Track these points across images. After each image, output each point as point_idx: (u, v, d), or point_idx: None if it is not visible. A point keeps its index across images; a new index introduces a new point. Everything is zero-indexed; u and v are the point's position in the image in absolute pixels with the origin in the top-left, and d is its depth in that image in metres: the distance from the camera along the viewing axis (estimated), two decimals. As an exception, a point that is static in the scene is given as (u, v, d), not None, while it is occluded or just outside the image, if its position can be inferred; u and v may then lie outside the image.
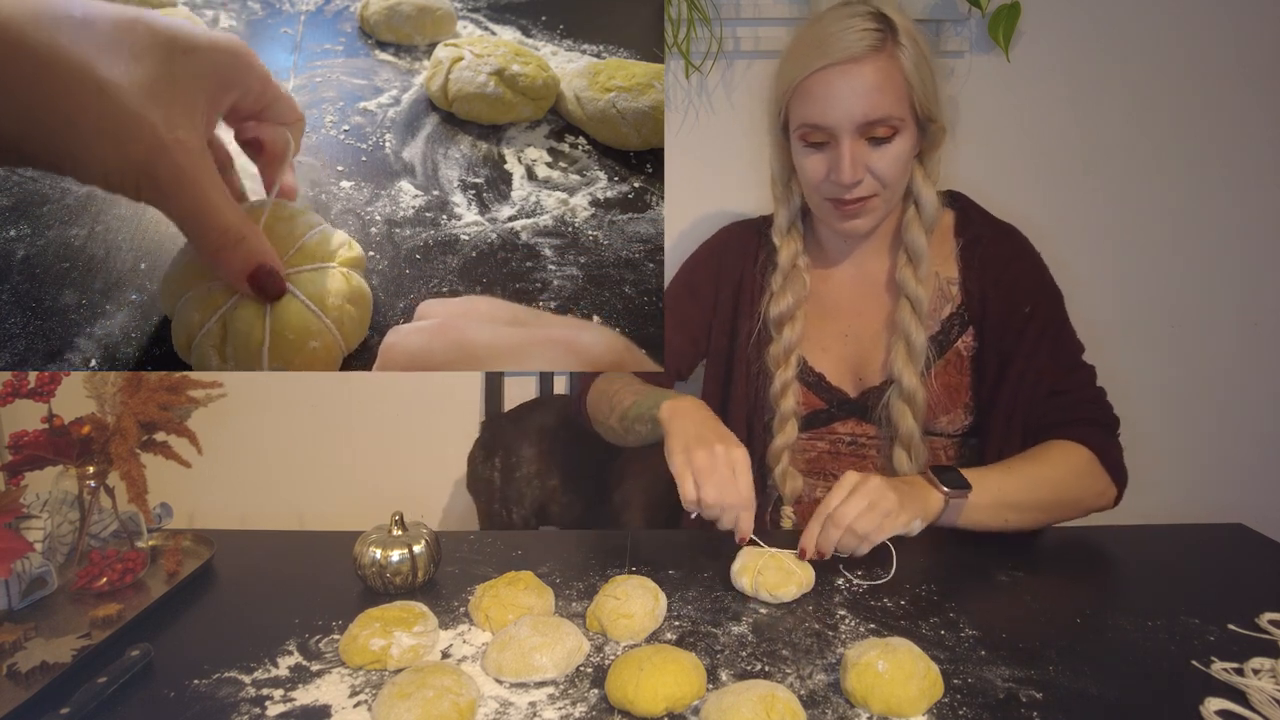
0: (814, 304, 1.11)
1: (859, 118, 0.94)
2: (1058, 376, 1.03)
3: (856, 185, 0.97)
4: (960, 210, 1.09)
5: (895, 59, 0.95)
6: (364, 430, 1.67)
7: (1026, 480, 0.95)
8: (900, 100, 0.95)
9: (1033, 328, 1.02)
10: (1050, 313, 1.05)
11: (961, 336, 1.05)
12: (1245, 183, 1.53)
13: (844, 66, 0.94)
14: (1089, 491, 0.98)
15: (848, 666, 0.66)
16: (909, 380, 1.02)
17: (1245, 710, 0.63)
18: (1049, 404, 1.02)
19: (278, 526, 1.11)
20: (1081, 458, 0.98)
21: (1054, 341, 1.04)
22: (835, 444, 1.11)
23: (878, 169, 0.97)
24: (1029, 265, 1.07)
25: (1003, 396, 1.03)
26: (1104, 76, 1.49)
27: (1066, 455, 0.99)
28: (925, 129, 1.00)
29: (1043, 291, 1.06)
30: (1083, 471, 0.98)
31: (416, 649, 0.72)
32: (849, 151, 0.95)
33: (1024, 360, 1.02)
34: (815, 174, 1.00)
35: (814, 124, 0.97)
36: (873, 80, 0.94)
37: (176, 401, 0.90)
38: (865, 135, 0.96)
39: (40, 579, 0.82)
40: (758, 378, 1.11)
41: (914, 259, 1.03)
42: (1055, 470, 0.97)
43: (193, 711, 0.65)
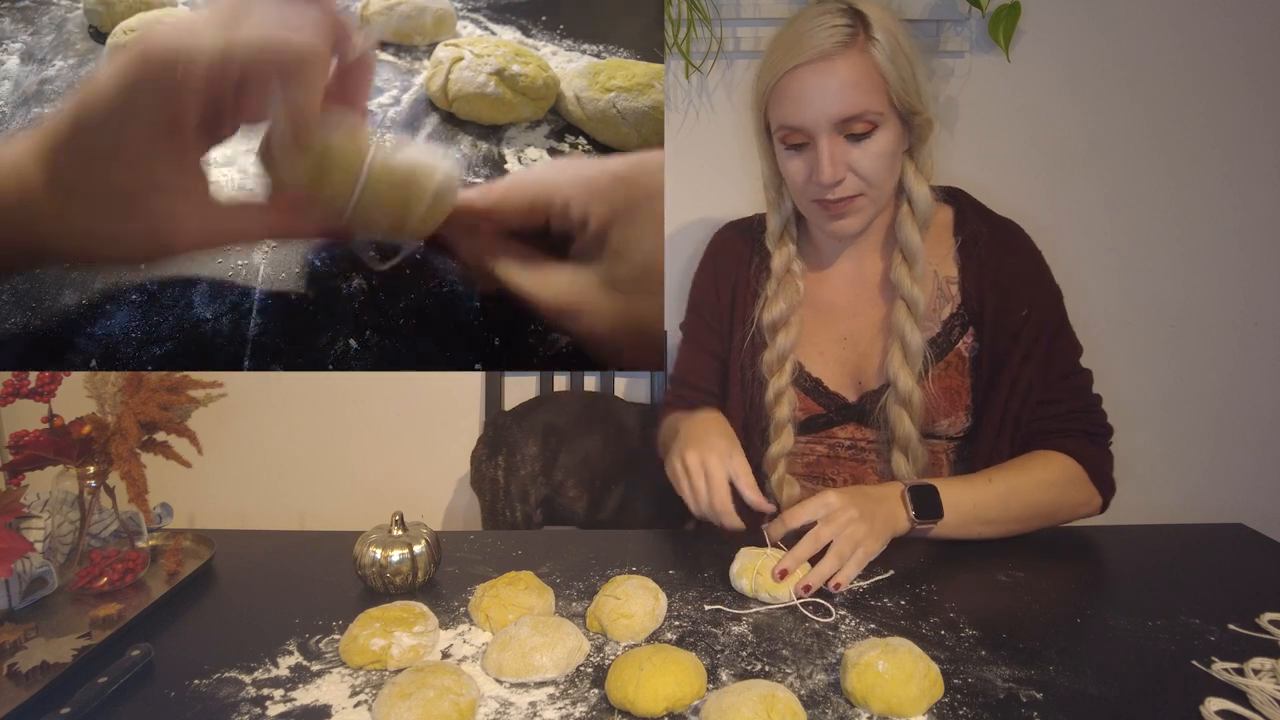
0: (810, 308, 1.09)
1: (833, 115, 0.93)
2: (1050, 384, 1.01)
3: (839, 184, 0.95)
4: (958, 207, 1.07)
5: (867, 53, 0.93)
6: (364, 430, 1.67)
7: (1004, 494, 0.94)
8: (876, 94, 0.93)
9: (1028, 331, 1.00)
10: (1047, 315, 1.03)
11: (963, 338, 1.03)
12: (1245, 182, 1.53)
13: (815, 65, 0.92)
14: (1070, 502, 0.98)
15: (848, 666, 0.66)
16: (904, 382, 1.00)
17: (1245, 710, 0.63)
18: (1039, 412, 1.01)
19: (278, 526, 1.11)
20: (1065, 469, 0.98)
21: (1050, 345, 1.02)
22: (834, 449, 1.09)
23: (859, 166, 0.95)
24: (1027, 262, 1.05)
25: (994, 401, 1.01)
26: (1104, 76, 1.49)
27: (1049, 467, 0.98)
28: (909, 122, 0.98)
29: (1041, 291, 1.04)
30: (1065, 483, 0.98)
31: (417, 649, 0.72)
32: (827, 150, 0.94)
33: (1017, 365, 1.00)
34: (798, 176, 0.99)
35: (790, 125, 0.96)
36: (845, 76, 0.92)
37: (177, 401, 0.90)
38: (843, 133, 0.94)
39: (41, 579, 0.82)
40: (752, 384, 1.10)
41: (909, 257, 1.01)
42: (1035, 483, 0.96)
43: (193, 711, 0.65)
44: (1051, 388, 1.01)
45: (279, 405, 1.64)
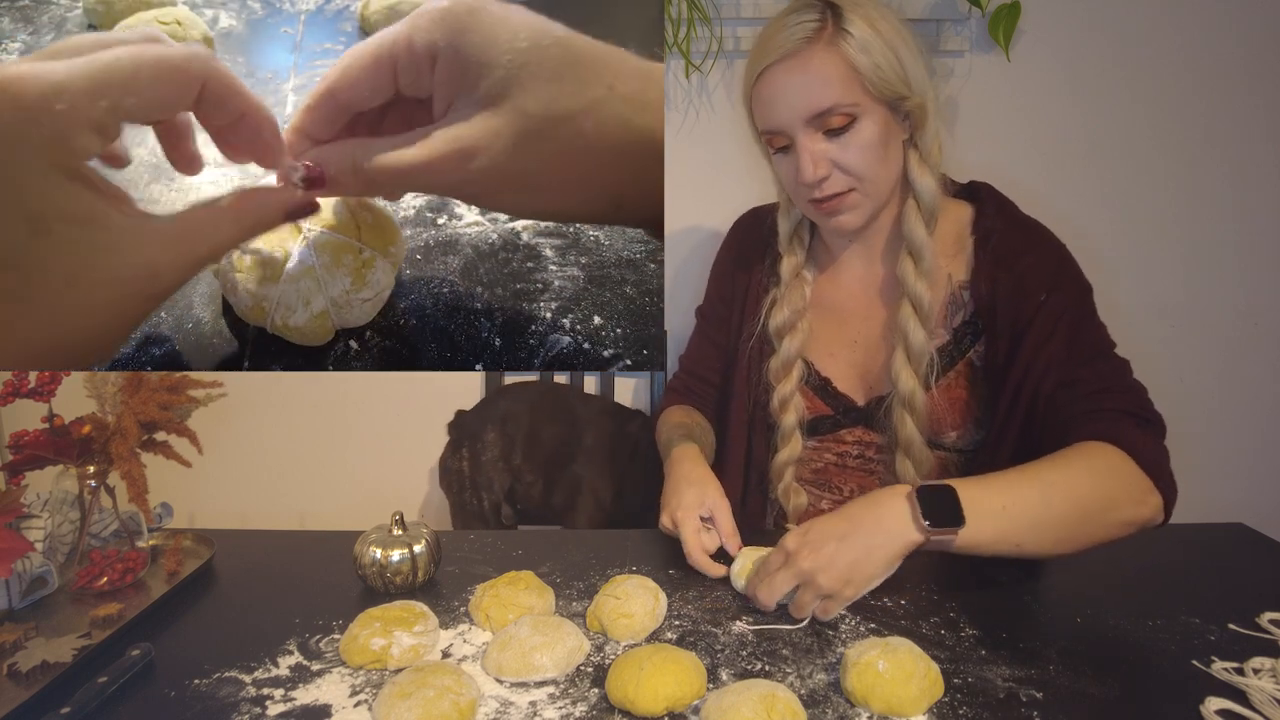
0: (821, 309, 1.07)
1: (803, 112, 0.90)
2: (1071, 368, 0.89)
3: (824, 181, 0.93)
4: (979, 204, 1.01)
5: (835, 45, 0.89)
6: (364, 430, 1.67)
7: (1041, 488, 0.79)
8: (849, 85, 0.89)
9: (1043, 317, 0.91)
10: (1068, 302, 0.93)
11: (974, 346, 0.98)
12: (1245, 182, 1.53)
13: (782, 64, 0.91)
14: (1120, 497, 0.81)
15: (848, 666, 0.66)
16: (906, 383, 0.96)
17: (1246, 710, 0.63)
18: (1060, 397, 0.89)
19: (278, 526, 1.11)
20: (1107, 455, 0.82)
21: (1069, 331, 0.91)
22: (843, 455, 1.06)
23: (843, 161, 0.92)
24: (1045, 258, 0.96)
25: (1005, 397, 0.93)
26: (1104, 76, 1.49)
27: (1087, 452, 0.83)
28: (898, 109, 0.93)
29: (1063, 281, 0.95)
30: (1109, 471, 0.82)
31: (417, 649, 0.72)
32: (806, 149, 0.91)
33: (1031, 351, 0.91)
34: (788, 178, 0.97)
35: (769, 129, 0.94)
36: (814, 71, 0.89)
37: (177, 401, 0.90)
38: (820, 129, 0.91)
39: (41, 578, 0.82)
40: (758, 386, 1.08)
41: (914, 253, 0.96)
42: (1077, 472, 0.81)
43: (193, 711, 0.65)
44: (1073, 371, 0.90)
45: (279, 405, 1.64)
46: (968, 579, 0.86)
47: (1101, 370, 0.90)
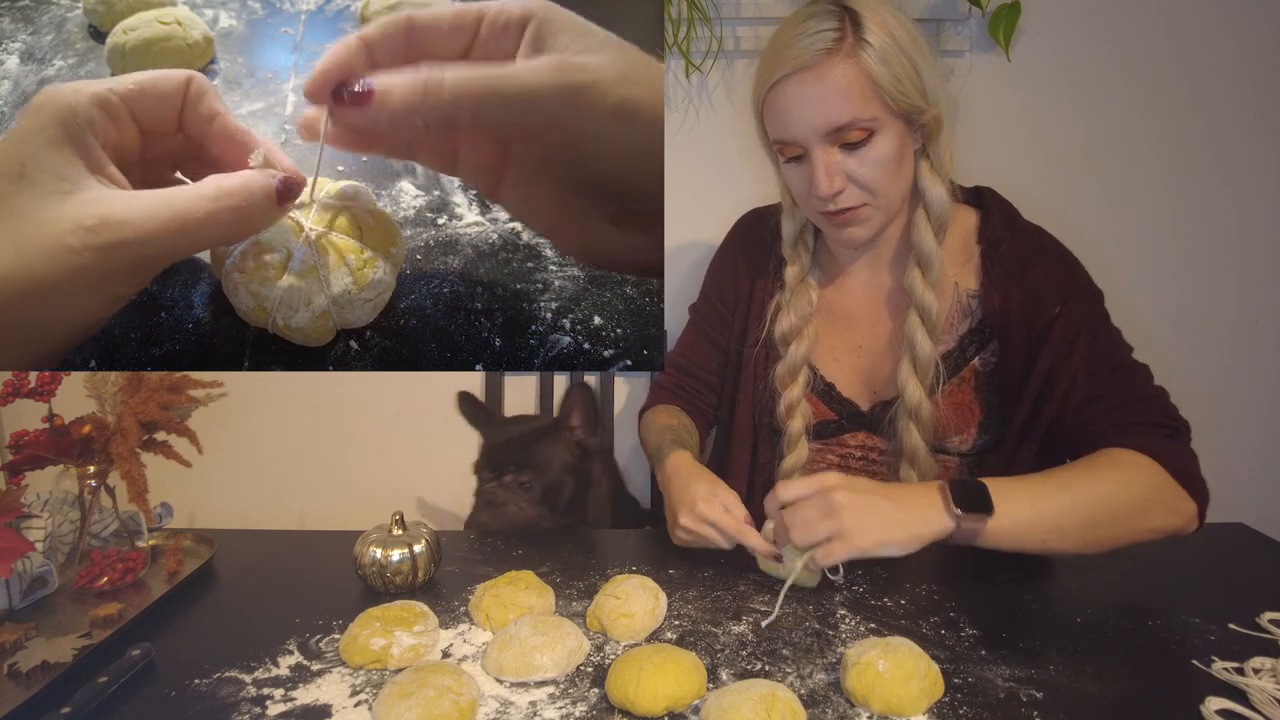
0: (827, 315, 1.06)
1: (822, 126, 0.88)
2: (1096, 381, 0.91)
3: (839, 195, 0.91)
4: (985, 211, 1.00)
5: (855, 57, 0.86)
6: (364, 430, 1.66)
7: (1069, 492, 0.82)
8: (868, 99, 0.87)
9: (1061, 330, 0.92)
10: (1083, 312, 0.93)
11: (979, 354, 0.98)
12: (1245, 182, 1.53)
13: (799, 76, 0.88)
14: (1153, 504, 0.83)
15: (848, 666, 0.66)
16: (913, 393, 0.95)
17: (1246, 710, 0.63)
18: (1087, 411, 0.90)
19: (278, 526, 1.11)
20: (1141, 466, 0.84)
21: (1089, 343, 0.92)
22: (846, 458, 1.06)
23: (858, 175, 0.90)
24: (1053, 267, 0.96)
25: (1021, 408, 0.94)
26: (1104, 76, 1.49)
27: (1120, 462, 0.85)
28: (914, 122, 0.92)
29: (1076, 289, 0.95)
30: (1142, 481, 0.83)
31: (417, 648, 0.72)
32: (821, 162, 0.89)
33: (1049, 365, 0.92)
34: (799, 188, 0.95)
35: (782, 139, 0.92)
36: (832, 84, 0.87)
37: (177, 401, 0.90)
38: (836, 143, 0.89)
39: (41, 578, 0.82)
40: (764, 391, 1.08)
41: (923, 263, 0.95)
42: (1108, 481, 0.83)
43: (193, 711, 0.65)
44: (1099, 384, 0.91)
45: (279, 405, 1.64)
46: (968, 579, 0.86)
47: (1126, 381, 0.92)
